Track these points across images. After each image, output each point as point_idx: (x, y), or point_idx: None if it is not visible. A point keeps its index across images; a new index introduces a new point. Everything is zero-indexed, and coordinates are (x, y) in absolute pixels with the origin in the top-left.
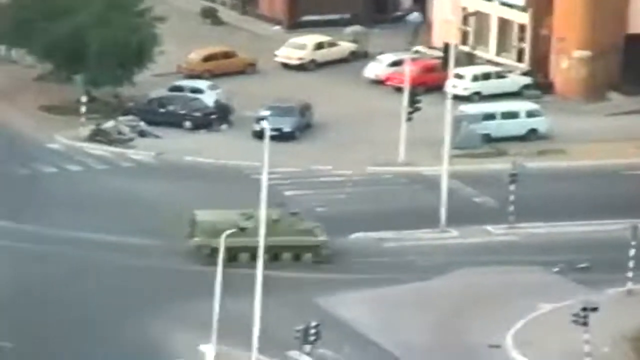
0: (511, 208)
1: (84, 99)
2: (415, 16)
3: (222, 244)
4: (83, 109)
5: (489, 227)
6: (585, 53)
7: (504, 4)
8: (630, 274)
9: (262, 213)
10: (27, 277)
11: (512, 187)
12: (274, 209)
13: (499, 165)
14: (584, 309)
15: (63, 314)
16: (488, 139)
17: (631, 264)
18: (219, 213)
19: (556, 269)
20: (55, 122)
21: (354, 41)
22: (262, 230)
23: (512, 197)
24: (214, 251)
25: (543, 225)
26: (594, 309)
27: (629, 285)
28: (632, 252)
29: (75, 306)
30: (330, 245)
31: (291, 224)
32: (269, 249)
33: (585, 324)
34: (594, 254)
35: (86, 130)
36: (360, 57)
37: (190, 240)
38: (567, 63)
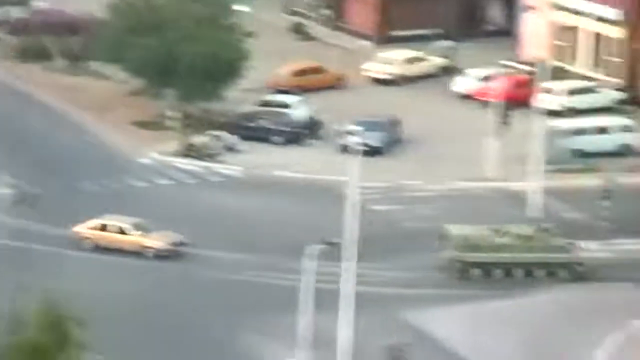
0: (604, 224)
1: (174, 114)
2: None
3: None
4: (174, 124)
5: (582, 243)
6: None
7: (597, 18)
8: None
9: (349, 230)
10: (121, 289)
11: (605, 203)
12: (527, 225)
13: (591, 181)
14: None
15: (153, 326)
16: (580, 154)
17: None
18: (471, 228)
19: None
20: (146, 137)
21: (444, 56)
22: (350, 245)
23: (605, 213)
24: (467, 265)
25: (637, 242)
26: None
27: None
28: None
29: (165, 318)
30: (585, 263)
31: (545, 240)
32: (522, 265)
33: None
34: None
35: (177, 145)
36: (450, 72)
37: (442, 254)
38: None
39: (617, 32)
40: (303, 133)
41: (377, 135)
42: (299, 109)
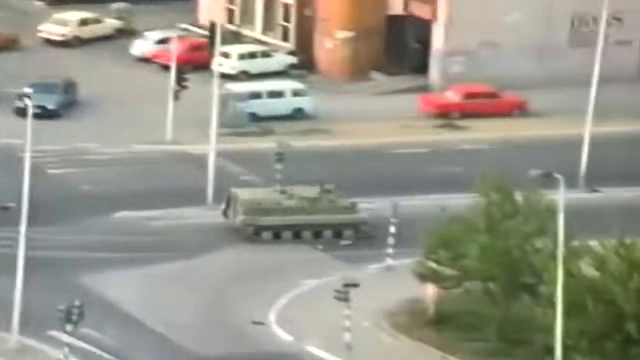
0: (278, 186)
1: None
2: None
3: None
4: None
5: None
6: (348, 34)
7: None
8: (389, 251)
9: (24, 194)
10: None
11: (278, 166)
12: (313, 187)
13: (266, 144)
14: (345, 285)
15: None
16: (254, 117)
17: (391, 240)
18: (260, 191)
19: (320, 246)
20: None
21: (120, 18)
22: (24, 209)
23: (278, 176)
24: (259, 229)
25: None
26: (355, 285)
27: (389, 261)
28: (391, 229)
29: None
30: (369, 222)
31: (331, 202)
32: (310, 226)
33: (346, 299)
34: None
35: None
36: (126, 34)
37: (233, 218)
38: (331, 43)
39: None
40: None
41: (52, 97)
42: None
